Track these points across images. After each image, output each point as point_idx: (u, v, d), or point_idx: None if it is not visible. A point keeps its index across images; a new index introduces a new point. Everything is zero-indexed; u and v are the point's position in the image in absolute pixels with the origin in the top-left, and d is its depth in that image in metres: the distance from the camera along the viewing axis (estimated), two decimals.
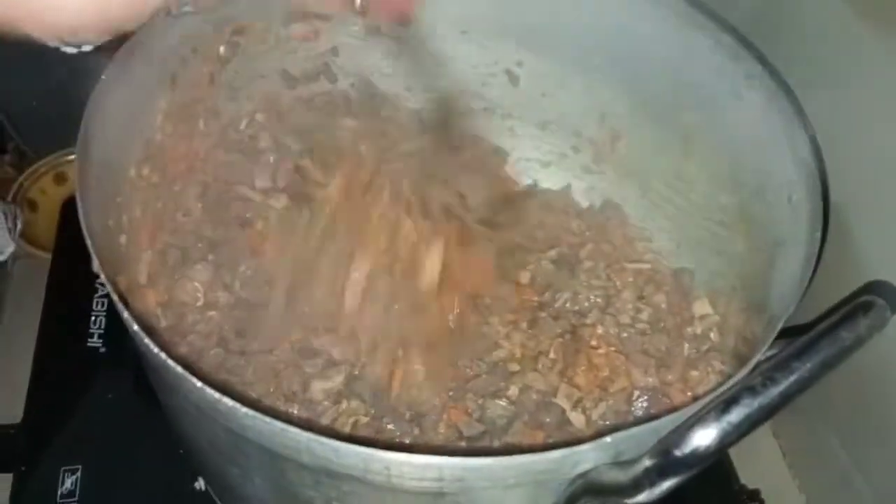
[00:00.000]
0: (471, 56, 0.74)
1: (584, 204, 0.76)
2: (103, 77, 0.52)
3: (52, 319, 0.74)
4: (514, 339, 0.63)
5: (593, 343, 0.62)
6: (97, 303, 0.74)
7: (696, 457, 0.33)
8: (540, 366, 0.61)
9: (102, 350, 0.72)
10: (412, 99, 0.76)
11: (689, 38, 0.63)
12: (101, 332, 0.73)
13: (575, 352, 0.62)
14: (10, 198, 0.86)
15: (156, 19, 0.44)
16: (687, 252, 0.70)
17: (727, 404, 0.33)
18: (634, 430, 0.38)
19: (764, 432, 0.75)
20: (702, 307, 0.65)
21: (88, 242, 0.44)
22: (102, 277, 0.44)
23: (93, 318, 0.74)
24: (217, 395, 0.39)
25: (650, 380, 0.60)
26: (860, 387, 0.62)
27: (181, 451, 0.66)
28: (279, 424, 0.38)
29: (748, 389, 0.34)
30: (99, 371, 0.71)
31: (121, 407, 0.69)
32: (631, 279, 0.67)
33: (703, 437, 0.33)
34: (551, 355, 0.62)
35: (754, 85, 0.58)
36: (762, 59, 0.58)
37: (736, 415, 0.33)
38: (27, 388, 0.70)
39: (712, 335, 0.63)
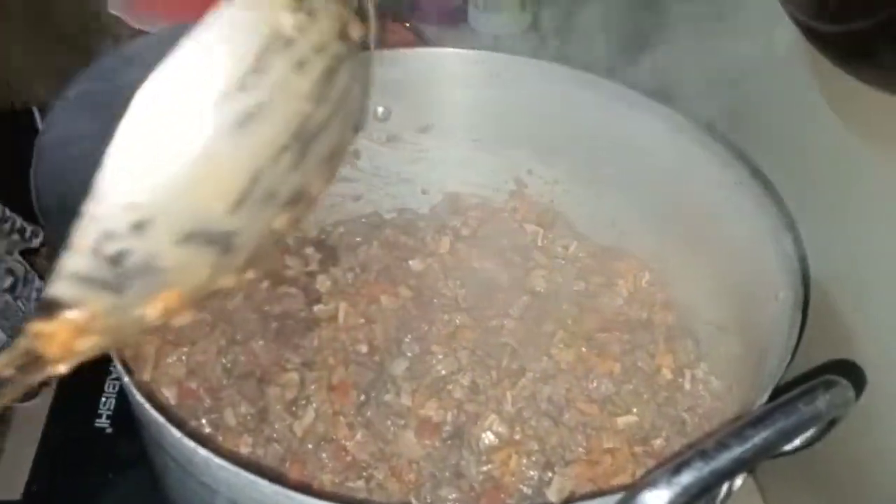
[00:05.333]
0: (483, 163, 0.78)
1: None
2: None
3: (63, 397, 0.75)
4: None
5: None
6: (109, 384, 0.76)
7: None
8: None
9: (109, 431, 0.73)
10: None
11: (687, 150, 0.66)
12: (110, 412, 0.74)
13: None
14: None
15: None
16: None
17: (679, 467, 0.34)
18: (594, 501, 0.38)
19: None
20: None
21: None
22: None
23: (103, 399, 0.75)
24: (192, 444, 0.40)
25: None
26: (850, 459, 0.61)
27: None
28: (247, 476, 0.39)
29: (700, 453, 0.34)
30: (103, 451, 0.72)
31: (121, 487, 0.70)
32: None
33: (654, 499, 0.33)
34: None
35: (743, 191, 0.60)
36: (750, 166, 0.61)
37: (687, 477, 0.33)
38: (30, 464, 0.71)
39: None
